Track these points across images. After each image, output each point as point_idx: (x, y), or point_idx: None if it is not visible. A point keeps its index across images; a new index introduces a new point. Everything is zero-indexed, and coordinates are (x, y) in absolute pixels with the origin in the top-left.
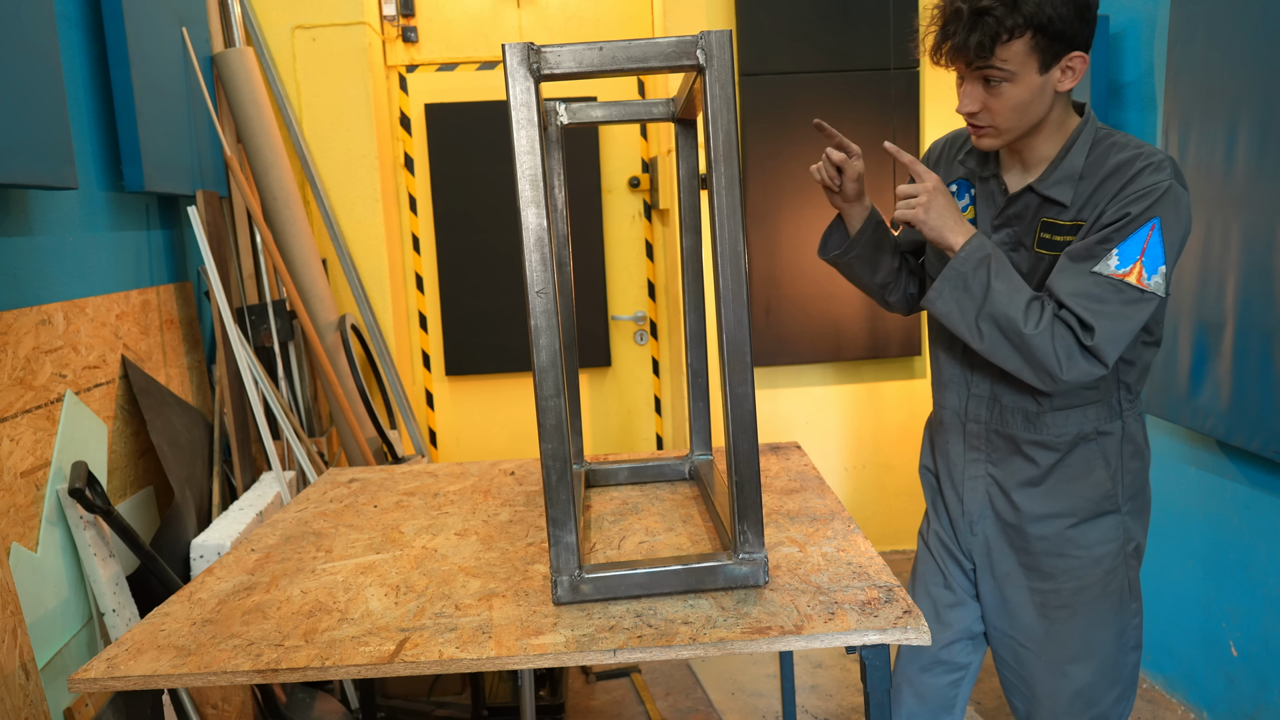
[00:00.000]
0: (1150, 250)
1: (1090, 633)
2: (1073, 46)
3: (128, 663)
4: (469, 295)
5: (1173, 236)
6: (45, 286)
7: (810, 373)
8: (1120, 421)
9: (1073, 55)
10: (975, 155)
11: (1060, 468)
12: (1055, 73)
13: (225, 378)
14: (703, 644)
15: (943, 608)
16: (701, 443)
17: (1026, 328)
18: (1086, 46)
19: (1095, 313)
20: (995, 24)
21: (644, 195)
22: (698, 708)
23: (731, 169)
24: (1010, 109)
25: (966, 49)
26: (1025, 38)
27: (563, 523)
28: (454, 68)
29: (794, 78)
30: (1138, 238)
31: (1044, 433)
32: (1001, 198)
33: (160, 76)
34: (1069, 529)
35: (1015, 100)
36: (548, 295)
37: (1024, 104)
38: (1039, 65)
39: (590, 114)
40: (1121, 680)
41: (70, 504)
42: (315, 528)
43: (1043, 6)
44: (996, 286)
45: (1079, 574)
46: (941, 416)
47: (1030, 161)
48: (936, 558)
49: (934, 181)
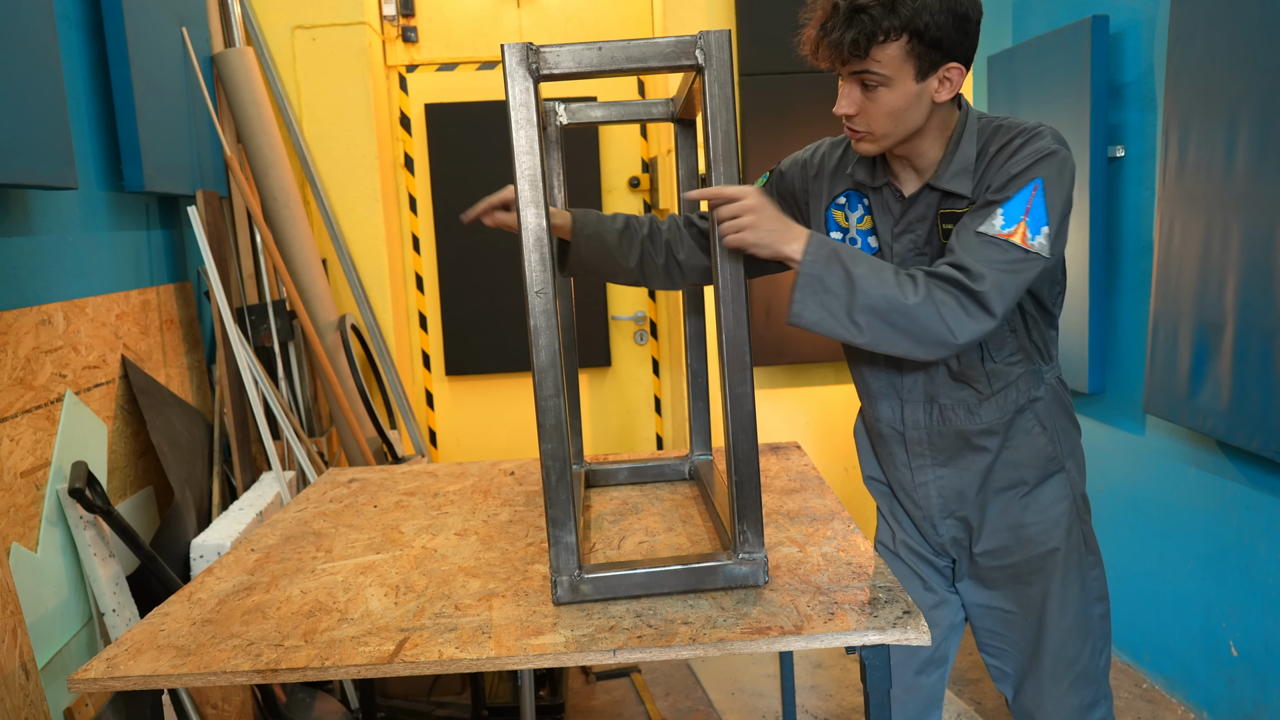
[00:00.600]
0: (1034, 210)
1: (1061, 593)
2: (950, 57)
3: (128, 663)
4: (469, 295)
5: (1055, 197)
6: (45, 286)
7: (810, 373)
8: (1045, 385)
9: (950, 66)
10: (864, 165)
11: (1007, 445)
12: (933, 82)
13: (225, 378)
14: (703, 644)
15: (927, 610)
16: (701, 443)
17: (908, 299)
18: (965, 59)
19: (983, 265)
20: (871, 24)
21: (644, 195)
22: (698, 708)
23: (731, 169)
24: (885, 114)
25: (841, 47)
26: (901, 41)
27: (562, 523)
28: (454, 68)
29: (794, 78)
30: (1021, 197)
31: (989, 418)
32: (898, 204)
33: (160, 76)
34: (1023, 498)
35: (890, 105)
36: (547, 295)
37: (899, 110)
38: (915, 72)
39: (590, 114)
40: (1092, 634)
41: (70, 504)
42: (315, 528)
43: (920, 13)
44: (858, 274)
45: (1042, 539)
46: (878, 429)
47: (920, 166)
48: (909, 563)
49: (751, 194)
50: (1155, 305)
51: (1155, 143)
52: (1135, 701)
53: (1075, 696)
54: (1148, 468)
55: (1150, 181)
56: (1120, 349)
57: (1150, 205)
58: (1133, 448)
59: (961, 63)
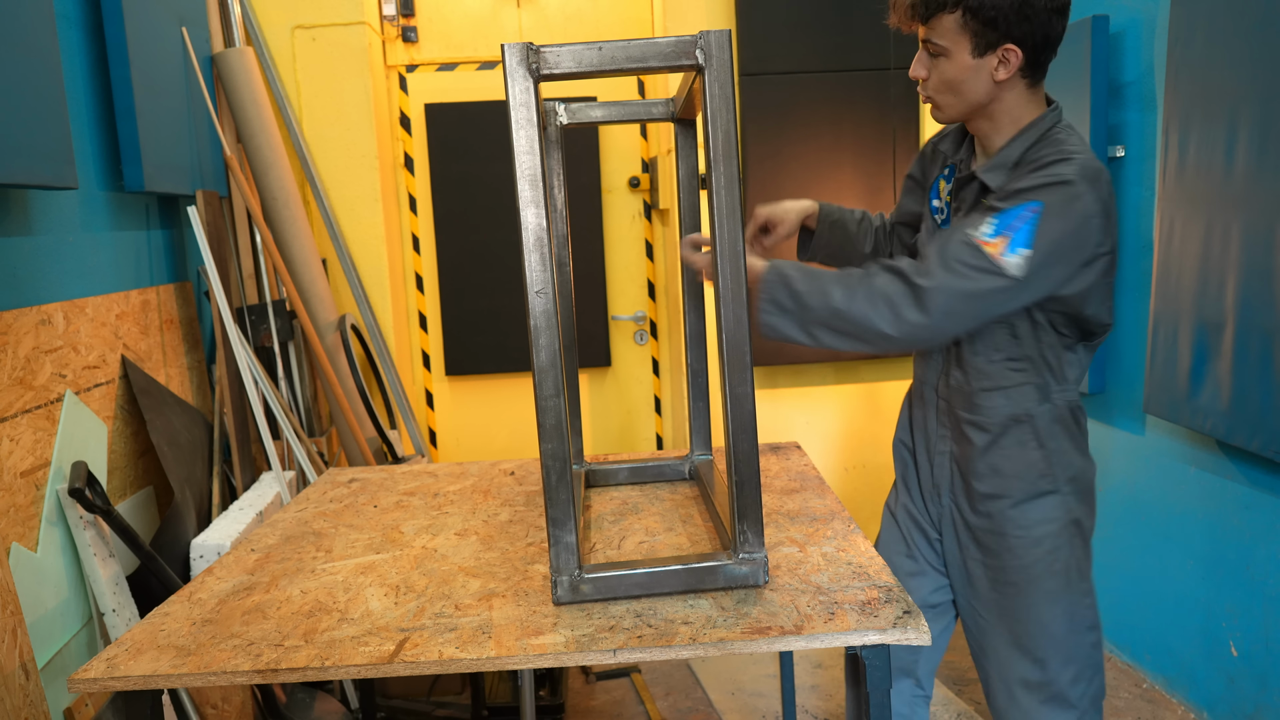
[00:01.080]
0: (1022, 229)
1: (1038, 610)
2: (1009, 38)
3: (128, 663)
4: (469, 295)
5: (1051, 228)
6: (45, 286)
7: (810, 373)
8: (1050, 404)
9: (1008, 47)
10: (952, 138)
11: (995, 449)
12: (991, 59)
13: (225, 378)
14: (703, 644)
15: (903, 575)
16: (701, 443)
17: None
18: (1025, 42)
19: (943, 262)
20: None
21: (644, 195)
22: (698, 708)
23: (731, 169)
24: (943, 83)
25: (906, 8)
26: (957, 14)
27: (563, 523)
28: (454, 68)
29: (794, 78)
30: (1016, 212)
31: (977, 413)
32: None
33: (160, 76)
34: (1009, 509)
35: (948, 75)
36: (547, 295)
37: (956, 82)
38: (971, 47)
39: (590, 114)
40: (1076, 660)
41: (70, 504)
42: (315, 528)
43: None
44: (800, 289)
45: (1020, 553)
46: (921, 390)
47: (988, 149)
48: (902, 527)
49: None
50: (1155, 305)
51: (1155, 143)
52: (1135, 701)
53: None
54: (1148, 468)
55: (1150, 181)
56: (1120, 349)
57: (1150, 205)
58: (1133, 448)
59: (1021, 46)
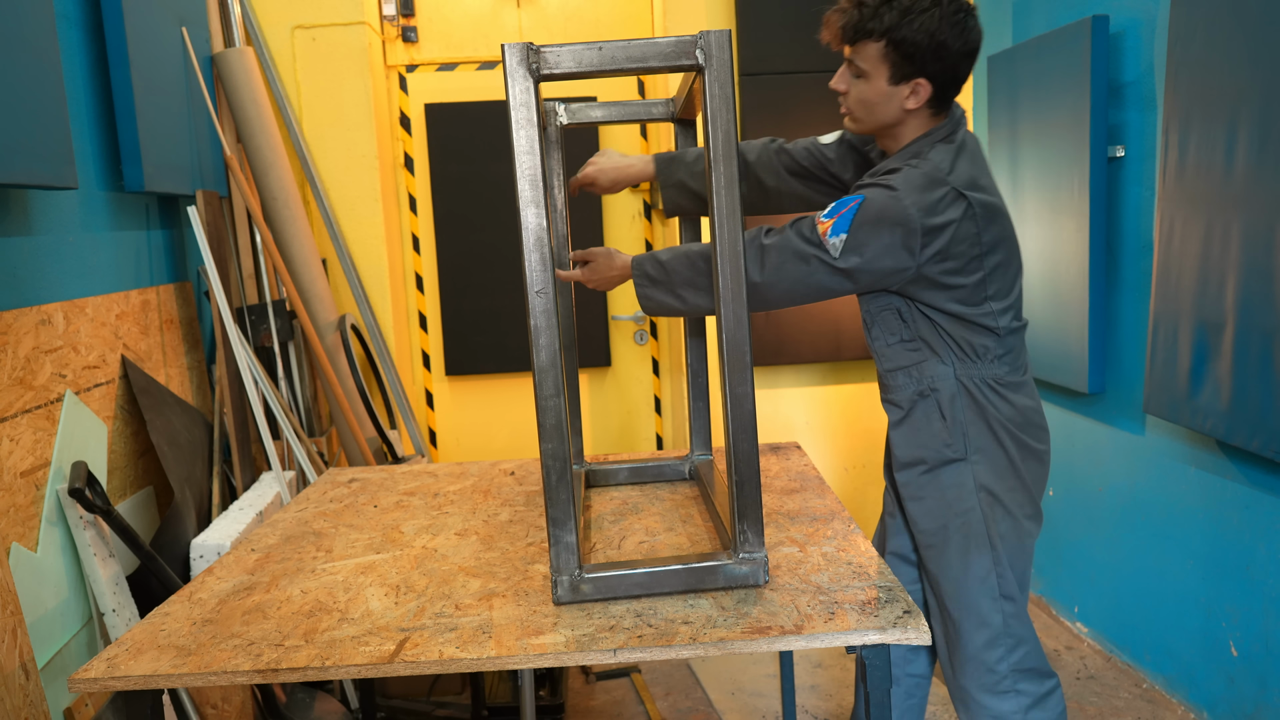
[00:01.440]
0: (845, 215)
1: (950, 568)
2: (922, 73)
3: (128, 663)
4: (469, 295)
5: (864, 219)
6: (45, 286)
7: (810, 373)
8: (955, 380)
9: (919, 81)
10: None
11: (907, 421)
12: (904, 89)
13: (225, 378)
14: (703, 644)
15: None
16: (701, 443)
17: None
18: (935, 79)
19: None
20: (860, 19)
21: (644, 195)
22: (698, 708)
23: (731, 169)
24: (860, 101)
25: (836, 28)
26: (880, 44)
27: (563, 523)
28: (454, 68)
29: (794, 78)
30: (847, 201)
31: (889, 392)
32: None
33: (160, 76)
34: (923, 475)
35: (865, 95)
36: (547, 295)
37: (870, 103)
38: (889, 75)
39: (590, 114)
40: (989, 625)
41: (70, 504)
42: (315, 528)
43: (901, 26)
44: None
45: (936, 515)
46: None
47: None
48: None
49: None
50: (1155, 305)
51: (1155, 143)
52: (1135, 701)
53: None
54: (1148, 468)
55: (1150, 181)
56: (1120, 349)
57: (1150, 205)
58: (1133, 448)
59: (931, 81)
